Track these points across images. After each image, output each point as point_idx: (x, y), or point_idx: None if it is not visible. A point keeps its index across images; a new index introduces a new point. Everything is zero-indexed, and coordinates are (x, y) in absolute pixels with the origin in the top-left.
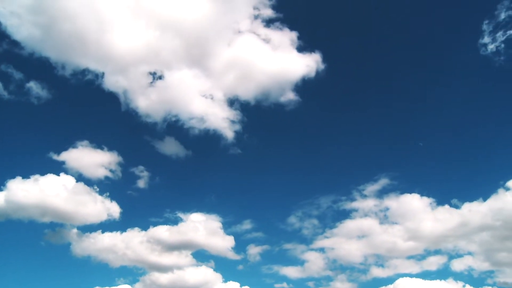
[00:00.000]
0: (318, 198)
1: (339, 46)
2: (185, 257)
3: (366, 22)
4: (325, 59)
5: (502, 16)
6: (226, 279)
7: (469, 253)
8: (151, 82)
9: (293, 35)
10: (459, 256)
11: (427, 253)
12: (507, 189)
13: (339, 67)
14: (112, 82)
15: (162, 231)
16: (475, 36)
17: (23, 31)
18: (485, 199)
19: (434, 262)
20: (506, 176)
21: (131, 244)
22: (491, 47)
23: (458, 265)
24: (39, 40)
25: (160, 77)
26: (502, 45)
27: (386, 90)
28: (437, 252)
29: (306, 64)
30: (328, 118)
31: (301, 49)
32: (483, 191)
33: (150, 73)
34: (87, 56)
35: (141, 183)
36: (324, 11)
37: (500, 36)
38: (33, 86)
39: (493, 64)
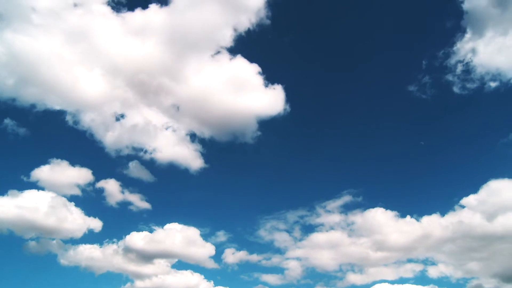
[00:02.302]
0: (284, 213)
1: (298, 81)
2: (166, 266)
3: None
4: (287, 93)
5: (425, 63)
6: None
7: (442, 262)
8: (115, 120)
9: (255, 69)
10: (433, 264)
11: (400, 262)
12: (462, 206)
13: (299, 96)
14: (80, 120)
15: (141, 242)
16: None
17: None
18: (442, 214)
19: (409, 270)
20: (459, 194)
21: (111, 255)
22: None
23: (434, 272)
24: (15, 87)
25: (123, 116)
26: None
27: (343, 120)
28: (410, 260)
29: (268, 96)
30: (290, 144)
31: (262, 83)
32: (439, 207)
33: (114, 113)
34: (59, 99)
35: (115, 199)
36: (284, 47)
37: (427, 80)
38: (9, 123)
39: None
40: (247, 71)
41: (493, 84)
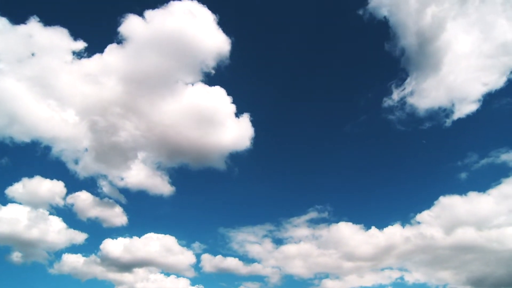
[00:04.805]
0: (252, 228)
1: (263, 110)
2: (147, 274)
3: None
4: (252, 121)
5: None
6: None
7: (415, 271)
8: (84, 152)
9: (220, 101)
10: (407, 271)
11: (376, 270)
12: (418, 222)
13: (264, 123)
14: (50, 152)
15: (121, 251)
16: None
17: None
18: (403, 226)
19: (386, 277)
20: (415, 210)
21: (94, 265)
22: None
23: (410, 279)
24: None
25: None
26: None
27: (303, 147)
28: (383, 269)
29: (235, 124)
30: (256, 167)
31: (228, 114)
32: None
33: (83, 147)
34: (29, 134)
35: (92, 212)
36: (248, 81)
37: (364, 120)
38: None
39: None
40: (211, 103)
41: (429, 124)
